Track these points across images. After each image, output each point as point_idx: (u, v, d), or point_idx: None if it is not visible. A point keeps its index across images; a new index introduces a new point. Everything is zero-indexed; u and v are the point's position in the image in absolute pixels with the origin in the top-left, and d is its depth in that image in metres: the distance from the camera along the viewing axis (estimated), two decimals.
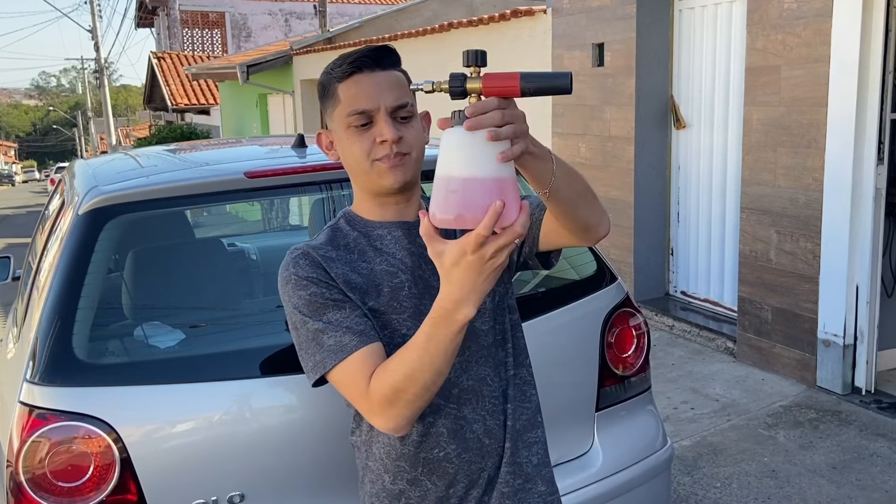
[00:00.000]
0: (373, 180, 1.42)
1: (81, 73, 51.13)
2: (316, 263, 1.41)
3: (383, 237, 1.46)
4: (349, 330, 1.35)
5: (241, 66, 12.24)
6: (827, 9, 4.10)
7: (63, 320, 1.93)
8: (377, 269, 1.43)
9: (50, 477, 1.82)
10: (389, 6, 13.56)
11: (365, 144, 1.39)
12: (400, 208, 1.47)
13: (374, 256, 1.45)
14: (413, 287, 1.43)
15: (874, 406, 4.12)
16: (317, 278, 1.39)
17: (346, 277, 1.41)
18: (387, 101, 1.39)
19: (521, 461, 1.51)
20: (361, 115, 1.38)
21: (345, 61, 1.40)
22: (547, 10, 6.47)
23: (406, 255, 1.45)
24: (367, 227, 1.48)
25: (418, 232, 1.26)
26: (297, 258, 1.43)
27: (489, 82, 1.14)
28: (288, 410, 2.02)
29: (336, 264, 1.42)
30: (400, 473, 1.45)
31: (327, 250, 1.44)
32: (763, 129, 4.57)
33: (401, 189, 1.43)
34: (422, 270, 1.44)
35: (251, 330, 2.20)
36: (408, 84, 1.42)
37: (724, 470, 3.59)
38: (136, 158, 2.68)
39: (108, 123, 28.55)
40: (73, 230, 2.07)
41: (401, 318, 1.42)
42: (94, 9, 27.25)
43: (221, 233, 4.09)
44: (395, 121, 1.40)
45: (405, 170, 1.40)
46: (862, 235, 4.10)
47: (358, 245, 1.46)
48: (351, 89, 1.40)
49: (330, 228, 1.50)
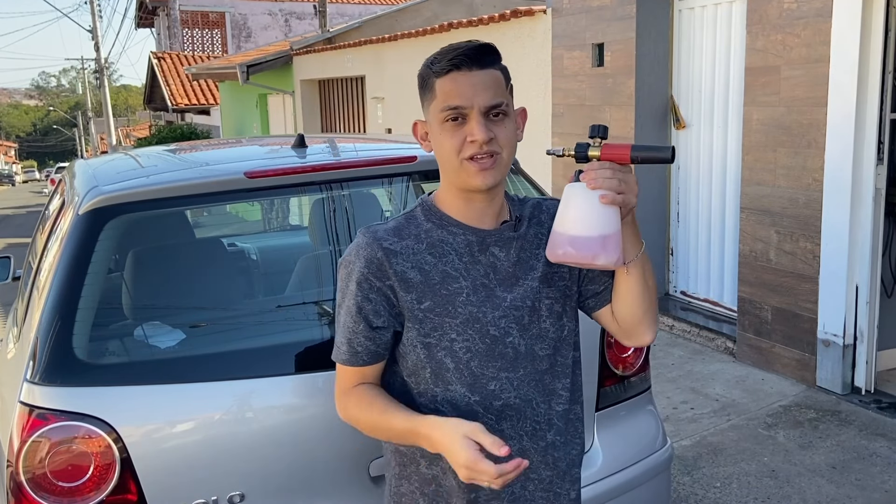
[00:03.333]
0: (461, 178, 1.44)
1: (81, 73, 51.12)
2: (373, 258, 1.44)
3: (456, 236, 1.49)
4: (349, 343, 1.47)
5: (241, 66, 12.23)
6: (827, 9, 4.10)
7: (63, 320, 1.93)
8: (440, 268, 1.46)
9: (50, 477, 1.82)
10: (389, 6, 13.56)
11: (456, 141, 1.42)
12: (482, 207, 1.49)
13: (440, 254, 1.47)
14: (472, 295, 1.46)
15: (874, 406, 4.12)
16: (364, 277, 1.44)
17: (405, 275, 1.44)
18: (481, 100, 1.40)
19: (561, 492, 1.57)
20: (454, 111, 1.41)
21: (444, 57, 1.42)
22: (547, 10, 6.48)
23: (471, 262, 1.48)
24: (443, 222, 1.50)
25: (491, 241, 1.48)
26: (360, 246, 1.46)
27: (606, 151, 1.38)
28: (288, 410, 2.02)
29: (398, 259, 1.45)
30: (435, 459, 1.49)
31: (393, 241, 1.46)
32: (763, 129, 4.57)
33: (488, 189, 1.46)
34: (487, 279, 1.48)
35: (251, 330, 2.20)
36: (504, 83, 1.44)
37: (723, 470, 3.59)
38: (136, 158, 2.68)
39: (109, 123, 28.54)
40: (73, 230, 2.07)
41: (452, 322, 1.45)
42: (94, 9, 27.24)
43: (221, 233, 4.09)
44: (488, 119, 1.42)
45: (495, 172, 1.43)
46: (862, 235, 4.10)
47: (428, 238, 1.48)
48: (447, 86, 1.41)
49: (405, 216, 1.52)
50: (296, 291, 2.46)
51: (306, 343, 2.15)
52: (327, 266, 2.42)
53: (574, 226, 1.38)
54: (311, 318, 2.24)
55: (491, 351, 1.46)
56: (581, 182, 1.39)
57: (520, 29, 6.84)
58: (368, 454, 2.08)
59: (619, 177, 1.36)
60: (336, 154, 2.56)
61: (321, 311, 2.25)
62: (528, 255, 1.52)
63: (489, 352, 1.46)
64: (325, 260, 2.45)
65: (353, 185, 2.42)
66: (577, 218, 1.37)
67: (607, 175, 1.36)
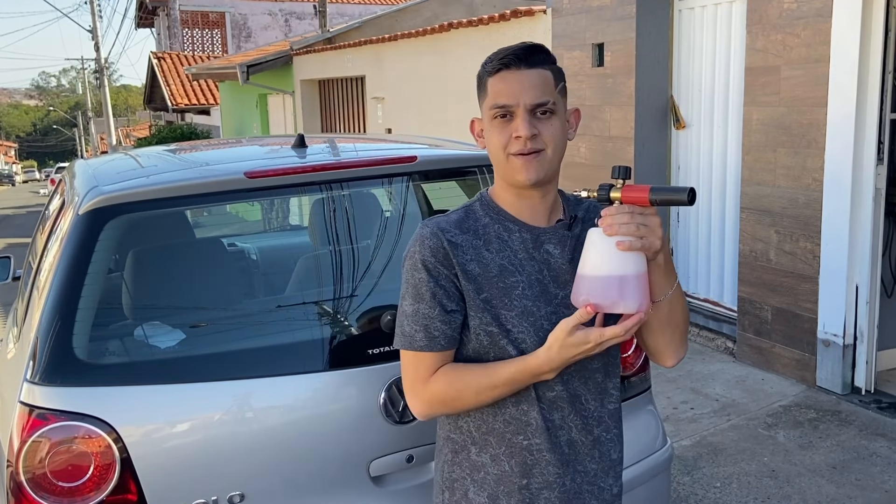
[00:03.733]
0: (508, 173, 1.51)
1: (81, 73, 51.12)
2: (439, 248, 1.49)
3: (511, 232, 1.54)
4: (426, 329, 1.50)
5: (241, 66, 12.23)
6: (827, 9, 4.10)
7: (63, 320, 1.93)
8: (497, 262, 1.52)
9: (50, 477, 1.82)
10: (389, 6, 13.56)
11: (503, 137, 1.48)
12: (534, 203, 1.55)
13: (498, 248, 1.53)
14: (527, 289, 1.51)
15: (874, 406, 4.12)
16: (433, 265, 1.49)
17: (466, 267, 1.50)
18: (527, 98, 1.46)
19: (604, 487, 1.61)
20: (502, 108, 1.48)
21: (496, 57, 1.49)
22: (547, 10, 6.48)
23: (526, 259, 1.53)
24: (500, 217, 1.56)
25: (545, 239, 1.54)
26: (425, 237, 1.51)
27: (625, 193, 1.40)
28: (288, 410, 2.02)
29: (460, 250, 1.51)
30: (486, 447, 1.55)
31: (455, 234, 1.52)
32: (763, 129, 4.57)
33: (534, 185, 1.50)
34: (541, 276, 1.53)
35: (251, 330, 2.20)
36: (554, 82, 1.50)
37: (723, 470, 3.59)
38: (136, 158, 2.68)
39: (109, 123, 28.54)
40: (73, 230, 2.07)
41: (509, 314, 1.50)
42: (94, 9, 27.24)
43: (221, 233, 4.09)
44: (535, 117, 1.48)
45: (538, 167, 1.48)
46: (862, 235, 4.10)
47: (487, 232, 1.54)
48: (497, 84, 1.49)
49: (464, 209, 1.58)
50: (296, 291, 2.46)
51: (306, 343, 2.15)
52: (327, 266, 2.41)
53: (593, 271, 1.39)
54: (311, 318, 2.24)
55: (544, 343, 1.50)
56: (595, 229, 1.41)
57: (520, 29, 6.84)
58: (368, 454, 2.08)
59: (639, 220, 1.38)
60: (336, 154, 2.56)
61: (321, 311, 2.25)
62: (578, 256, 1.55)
63: (542, 344, 1.49)
64: (325, 260, 2.44)
65: (353, 185, 2.42)
66: (595, 264, 1.39)
67: (625, 220, 1.38)
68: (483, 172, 2.61)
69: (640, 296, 1.39)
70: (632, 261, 1.38)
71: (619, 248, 1.37)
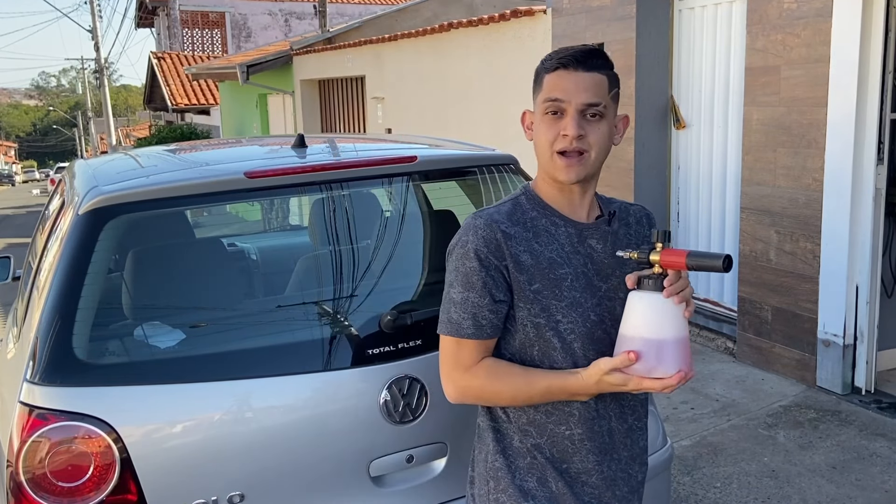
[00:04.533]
0: (551, 169, 1.56)
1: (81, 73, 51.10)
2: (492, 238, 1.53)
3: (558, 227, 1.60)
4: (474, 317, 1.54)
5: (241, 66, 12.23)
6: (827, 9, 4.10)
7: (63, 320, 1.93)
8: (547, 254, 1.56)
9: (50, 477, 1.82)
10: (389, 6, 13.56)
11: (551, 134, 1.54)
12: (575, 199, 1.60)
13: (546, 241, 1.58)
14: (575, 281, 1.57)
15: (874, 406, 4.12)
16: (485, 255, 1.52)
17: (519, 258, 1.54)
18: (579, 98, 1.51)
19: (632, 474, 1.67)
20: (554, 102, 1.52)
21: (555, 56, 1.54)
22: (547, 10, 6.47)
23: (572, 252, 1.59)
24: (546, 211, 1.60)
25: (588, 234, 1.60)
26: (478, 227, 1.54)
27: (664, 257, 1.48)
28: (288, 410, 2.02)
29: (513, 241, 1.55)
30: (527, 436, 1.59)
31: (508, 225, 1.56)
32: (763, 129, 4.57)
33: (574, 183, 1.56)
34: (586, 269, 1.59)
35: (251, 330, 2.20)
36: (608, 87, 1.56)
37: (723, 470, 3.59)
38: (136, 158, 2.68)
39: (108, 123, 28.54)
40: (73, 230, 2.07)
41: (559, 304, 1.55)
42: (94, 9, 27.23)
43: (221, 233, 4.08)
44: (584, 118, 1.53)
45: (580, 169, 1.54)
46: (862, 235, 4.10)
47: (535, 225, 1.59)
48: (552, 80, 1.54)
49: (511, 202, 1.61)
50: (296, 291, 2.46)
51: (306, 343, 2.15)
52: (327, 266, 2.41)
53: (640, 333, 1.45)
54: (311, 318, 2.23)
55: (591, 334, 1.56)
56: (647, 291, 1.47)
57: (520, 29, 6.84)
58: (368, 454, 2.08)
59: (685, 284, 1.47)
60: (336, 154, 2.56)
61: (321, 311, 2.25)
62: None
63: (589, 335, 1.56)
64: (324, 260, 2.44)
65: (353, 185, 2.42)
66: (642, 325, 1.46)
67: (685, 285, 1.47)
68: (483, 172, 2.61)
69: (682, 358, 1.45)
70: (681, 323, 1.46)
71: (687, 315, 1.46)
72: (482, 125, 7.48)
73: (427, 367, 2.13)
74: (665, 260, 1.47)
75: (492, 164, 2.61)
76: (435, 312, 2.25)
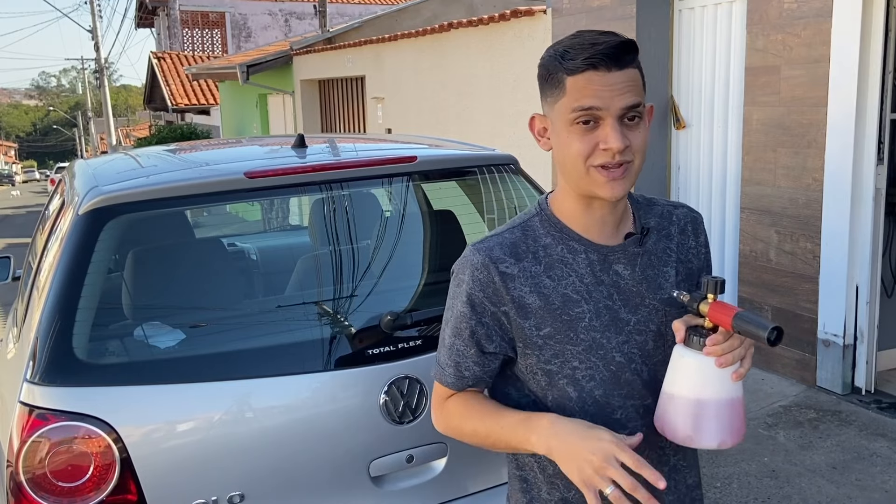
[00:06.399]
0: (585, 185, 1.30)
1: (81, 73, 51.14)
2: (489, 281, 1.32)
3: (577, 254, 1.35)
4: (457, 366, 1.38)
5: (241, 66, 12.23)
6: (827, 9, 4.10)
7: (63, 320, 1.93)
8: (560, 291, 1.33)
9: (50, 477, 1.82)
10: (389, 6, 13.56)
11: (585, 146, 1.26)
12: (604, 215, 1.35)
13: (560, 275, 1.34)
14: (595, 320, 1.34)
15: (874, 406, 4.12)
16: (479, 300, 1.33)
17: (523, 300, 1.32)
18: (618, 103, 1.24)
19: None
20: (587, 112, 1.25)
21: (580, 53, 1.24)
22: (547, 10, 6.48)
23: (593, 283, 1.34)
24: (563, 236, 1.36)
25: (614, 259, 1.35)
26: (475, 266, 1.33)
27: (713, 311, 1.28)
28: (288, 410, 2.02)
29: (516, 283, 1.32)
30: (554, 489, 1.40)
31: (510, 263, 1.33)
32: (763, 129, 4.57)
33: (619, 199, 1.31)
34: (611, 301, 1.35)
35: (251, 330, 2.20)
36: (642, 80, 1.29)
37: (724, 470, 3.59)
38: (136, 158, 2.68)
39: (108, 123, 28.54)
40: (73, 230, 2.07)
41: (575, 349, 1.33)
42: (94, 9, 27.24)
43: (221, 233, 4.09)
44: (623, 123, 1.26)
45: (624, 182, 1.28)
46: (862, 235, 4.10)
47: (547, 256, 1.34)
48: (580, 85, 1.25)
49: (521, 226, 1.37)
50: (295, 291, 2.46)
51: (306, 343, 2.15)
52: (327, 266, 2.42)
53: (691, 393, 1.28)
54: (311, 318, 2.24)
55: (616, 378, 1.35)
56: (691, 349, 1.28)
57: (520, 29, 6.84)
58: (368, 454, 2.08)
59: (735, 344, 1.26)
60: (336, 154, 2.56)
61: (321, 311, 2.25)
62: (655, 273, 1.39)
63: (615, 379, 1.35)
64: (324, 260, 2.44)
65: (353, 185, 2.42)
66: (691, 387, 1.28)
67: (735, 346, 1.25)
68: (483, 172, 2.61)
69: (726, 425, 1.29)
70: (723, 387, 1.28)
71: (734, 378, 1.26)
72: (482, 125, 7.48)
73: (427, 367, 2.13)
74: (713, 315, 1.28)
75: (492, 165, 2.61)
76: (435, 312, 2.26)
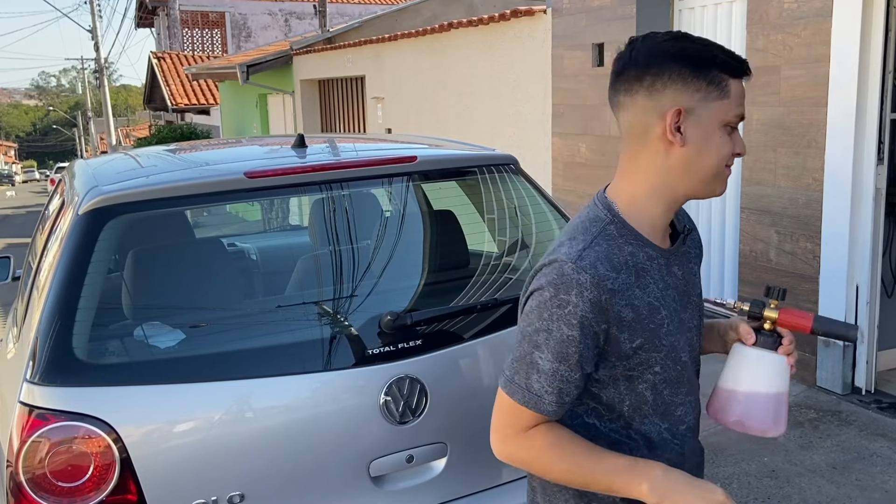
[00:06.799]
0: (709, 185, 1.35)
1: (81, 73, 51.14)
2: (598, 301, 1.26)
3: (652, 259, 1.35)
4: (559, 393, 1.29)
5: (241, 66, 12.23)
6: (827, 9, 4.10)
7: (63, 320, 1.93)
8: (646, 300, 1.33)
9: (50, 477, 1.82)
10: (389, 6, 13.56)
11: (727, 150, 1.32)
12: (671, 216, 1.40)
13: (645, 282, 1.34)
14: (671, 324, 1.36)
15: (874, 406, 4.12)
16: (590, 322, 1.26)
17: (620, 315, 1.29)
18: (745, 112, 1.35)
19: None
20: (740, 117, 1.33)
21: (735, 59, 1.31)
22: (547, 10, 6.47)
23: (665, 288, 1.37)
24: (639, 242, 1.34)
25: (673, 261, 1.40)
26: (584, 286, 1.26)
27: (784, 316, 1.40)
28: (288, 410, 2.02)
29: (617, 298, 1.28)
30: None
31: (613, 279, 1.28)
32: (763, 129, 4.57)
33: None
34: (675, 303, 1.38)
35: (251, 330, 2.20)
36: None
37: (723, 470, 3.59)
38: (136, 158, 2.68)
39: (108, 123, 28.54)
40: (73, 230, 2.07)
41: (658, 356, 1.35)
42: (94, 9, 27.24)
43: (221, 233, 4.09)
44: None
45: None
46: (862, 235, 4.10)
47: (635, 264, 1.33)
48: (740, 90, 1.32)
49: (603, 236, 1.32)
50: (296, 291, 2.46)
51: (306, 343, 2.15)
52: (327, 266, 2.41)
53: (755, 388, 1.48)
54: (311, 319, 2.23)
55: (680, 377, 1.42)
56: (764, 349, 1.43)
57: (520, 29, 6.84)
58: (368, 454, 2.08)
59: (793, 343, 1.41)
60: (336, 154, 2.56)
61: (321, 311, 2.25)
62: (691, 270, 1.47)
63: (679, 378, 1.42)
64: (324, 260, 2.44)
65: (353, 185, 2.42)
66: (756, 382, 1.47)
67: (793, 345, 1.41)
68: (483, 172, 2.61)
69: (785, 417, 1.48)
70: (786, 381, 1.46)
71: (792, 372, 1.43)
72: (482, 125, 7.48)
73: (427, 367, 2.13)
74: (786, 320, 1.38)
75: (492, 165, 2.61)
76: (435, 312, 2.26)
